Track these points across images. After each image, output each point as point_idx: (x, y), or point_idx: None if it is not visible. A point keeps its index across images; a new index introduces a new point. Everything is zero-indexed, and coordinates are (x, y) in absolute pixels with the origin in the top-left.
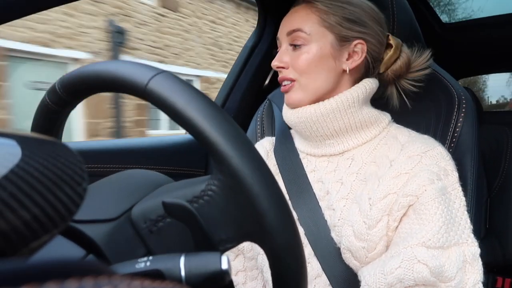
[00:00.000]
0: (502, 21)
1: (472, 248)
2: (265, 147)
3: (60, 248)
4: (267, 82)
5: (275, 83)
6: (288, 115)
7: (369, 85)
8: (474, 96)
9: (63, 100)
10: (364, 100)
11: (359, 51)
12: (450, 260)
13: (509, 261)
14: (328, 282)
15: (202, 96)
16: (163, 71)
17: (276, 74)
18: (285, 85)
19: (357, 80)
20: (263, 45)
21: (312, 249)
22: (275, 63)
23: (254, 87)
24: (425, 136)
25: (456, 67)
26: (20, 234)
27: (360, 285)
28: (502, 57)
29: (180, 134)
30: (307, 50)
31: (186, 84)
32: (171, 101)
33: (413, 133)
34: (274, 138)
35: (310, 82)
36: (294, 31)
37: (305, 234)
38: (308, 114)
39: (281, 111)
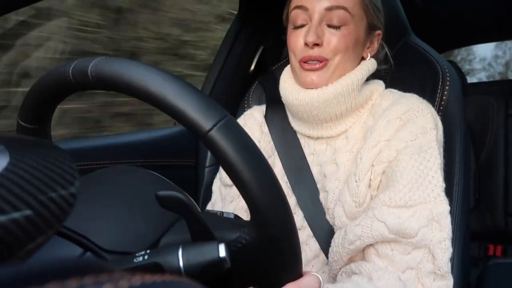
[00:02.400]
0: None
1: (440, 206)
2: (257, 119)
3: (57, 248)
4: (252, 67)
5: (261, 68)
6: (288, 95)
7: (372, 66)
8: (457, 68)
9: (89, 84)
10: (363, 81)
11: (375, 41)
12: (413, 218)
13: (498, 229)
14: (326, 261)
15: (261, 160)
16: (226, 117)
17: (261, 58)
18: (314, 64)
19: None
20: (247, 29)
21: (311, 231)
22: (310, 39)
23: (241, 73)
24: (408, 95)
25: (439, 40)
26: (15, 237)
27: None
28: (484, 28)
29: None
30: (347, 30)
31: (247, 140)
32: (229, 159)
33: (396, 95)
34: (263, 107)
35: (342, 64)
36: (337, 7)
37: (304, 216)
38: (309, 99)
39: (272, 91)
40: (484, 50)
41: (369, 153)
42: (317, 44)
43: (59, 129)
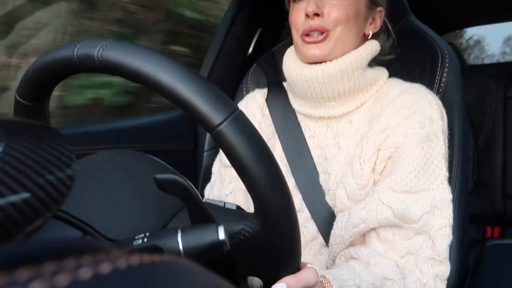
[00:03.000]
0: None
1: (443, 194)
2: (259, 102)
3: (57, 231)
4: (250, 49)
5: (259, 50)
6: (291, 71)
7: (376, 46)
8: (457, 51)
9: (94, 67)
10: (368, 62)
11: (378, 18)
12: (417, 204)
13: (496, 211)
14: (324, 244)
15: (269, 156)
16: (236, 111)
17: (259, 41)
18: (316, 37)
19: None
20: (244, 12)
21: (309, 213)
22: (310, 9)
23: (239, 55)
24: (416, 86)
25: (438, 22)
26: (13, 220)
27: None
28: (484, 9)
29: None
30: (347, 1)
31: (256, 135)
32: (238, 154)
33: (404, 85)
34: (265, 90)
35: (343, 35)
36: None
37: (303, 198)
38: (313, 74)
39: (274, 72)
40: (493, 48)
41: (376, 137)
42: (317, 15)
43: None
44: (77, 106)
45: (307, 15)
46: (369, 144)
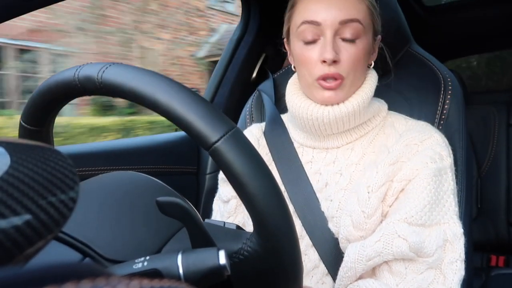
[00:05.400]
0: (484, 2)
1: (454, 228)
2: (255, 134)
3: (56, 253)
4: (254, 75)
5: (263, 76)
6: (296, 108)
7: (375, 77)
8: (459, 77)
9: (95, 90)
10: (372, 96)
11: (377, 46)
12: (430, 237)
13: (501, 239)
14: (326, 272)
15: (266, 173)
16: (233, 129)
17: (263, 66)
18: (330, 83)
19: None
20: (249, 37)
21: (310, 240)
22: (330, 56)
23: (242, 80)
24: (422, 124)
25: (441, 50)
26: (14, 241)
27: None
28: (486, 38)
29: None
30: (362, 44)
31: (253, 152)
32: (235, 171)
33: (410, 121)
34: (263, 124)
35: (356, 79)
36: (351, 20)
37: (303, 225)
38: (319, 115)
39: (272, 100)
40: None
41: (386, 169)
42: (335, 61)
43: None
44: None
45: (323, 61)
46: (379, 174)
